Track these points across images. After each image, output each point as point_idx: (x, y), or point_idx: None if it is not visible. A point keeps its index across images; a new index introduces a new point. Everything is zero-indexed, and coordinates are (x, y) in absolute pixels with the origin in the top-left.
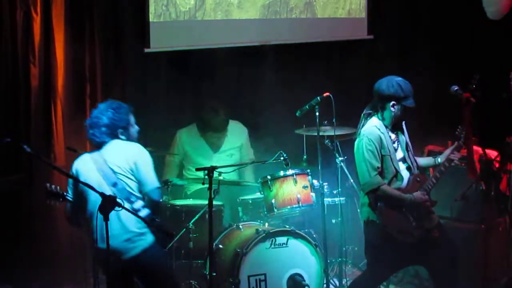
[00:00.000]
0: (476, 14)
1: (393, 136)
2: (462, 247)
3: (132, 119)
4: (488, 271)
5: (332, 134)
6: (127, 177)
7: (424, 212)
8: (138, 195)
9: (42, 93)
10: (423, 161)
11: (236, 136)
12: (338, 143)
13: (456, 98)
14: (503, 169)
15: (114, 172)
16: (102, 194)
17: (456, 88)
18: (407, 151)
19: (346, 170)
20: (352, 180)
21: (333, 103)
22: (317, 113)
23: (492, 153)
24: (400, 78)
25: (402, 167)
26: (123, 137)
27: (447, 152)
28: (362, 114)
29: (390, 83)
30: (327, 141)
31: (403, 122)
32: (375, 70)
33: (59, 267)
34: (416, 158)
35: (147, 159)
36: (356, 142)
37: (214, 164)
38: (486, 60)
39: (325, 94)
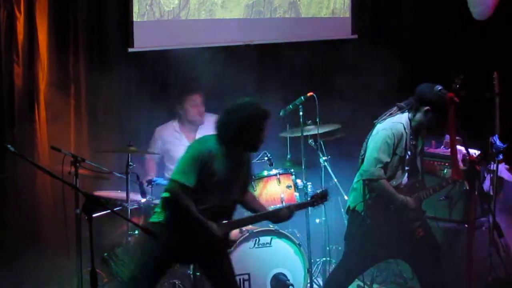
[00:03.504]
0: (461, 14)
1: (413, 140)
2: (446, 247)
3: None
4: (472, 270)
5: (316, 133)
6: None
7: (410, 215)
8: None
9: (25, 92)
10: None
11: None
12: (322, 143)
13: (440, 98)
14: (486, 169)
15: None
16: (85, 194)
17: (440, 88)
18: (419, 156)
19: (330, 170)
20: (336, 180)
21: (317, 102)
22: (301, 113)
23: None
24: (442, 87)
25: (404, 169)
26: None
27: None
28: (396, 105)
29: (434, 89)
30: (310, 140)
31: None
32: (359, 70)
33: (43, 266)
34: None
35: None
36: (378, 128)
37: None
38: (470, 60)
39: (309, 94)
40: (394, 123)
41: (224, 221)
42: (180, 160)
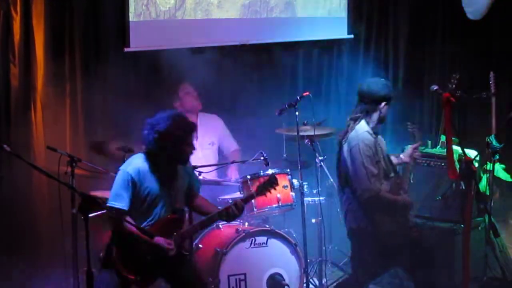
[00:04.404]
0: (455, 14)
1: (379, 140)
2: (442, 247)
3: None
4: (468, 270)
5: (312, 133)
6: None
7: (409, 213)
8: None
9: (22, 92)
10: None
11: (211, 127)
12: (318, 143)
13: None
14: (483, 169)
15: None
16: (81, 194)
17: (435, 88)
18: (386, 153)
19: (326, 170)
20: (332, 180)
21: (312, 102)
22: (297, 113)
23: (472, 153)
24: (383, 79)
25: (384, 170)
26: None
27: (409, 151)
28: (349, 118)
29: (381, 84)
30: (306, 140)
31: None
32: (354, 70)
33: (39, 267)
34: None
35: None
36: (348, 146)
37: (196, 153)
38: (466, 60)
39: (304, 94)
40: (360, 134)
41: (175, 233)
42: (114, 183)
